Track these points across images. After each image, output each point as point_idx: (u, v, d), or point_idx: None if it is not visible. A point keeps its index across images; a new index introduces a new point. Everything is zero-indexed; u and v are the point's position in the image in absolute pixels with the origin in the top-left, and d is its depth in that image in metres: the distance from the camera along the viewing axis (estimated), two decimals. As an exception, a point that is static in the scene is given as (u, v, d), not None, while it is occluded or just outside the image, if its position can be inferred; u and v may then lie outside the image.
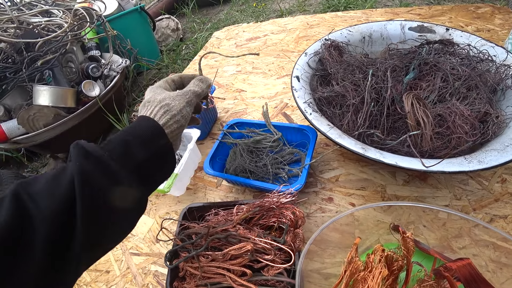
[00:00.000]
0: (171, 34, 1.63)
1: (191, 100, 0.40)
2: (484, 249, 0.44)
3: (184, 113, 0.38)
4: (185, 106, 0.38)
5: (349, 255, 0.36)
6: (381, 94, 0.54)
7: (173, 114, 0.36)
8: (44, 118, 0.98)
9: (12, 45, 0.98)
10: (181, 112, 0.37)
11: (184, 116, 0.38)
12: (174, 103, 0.37)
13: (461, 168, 0.42)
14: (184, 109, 0.38)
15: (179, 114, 0.37)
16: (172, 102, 0.37)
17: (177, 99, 0.38)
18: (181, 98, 0.39)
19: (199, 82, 0.43)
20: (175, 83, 0.45)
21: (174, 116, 0.36)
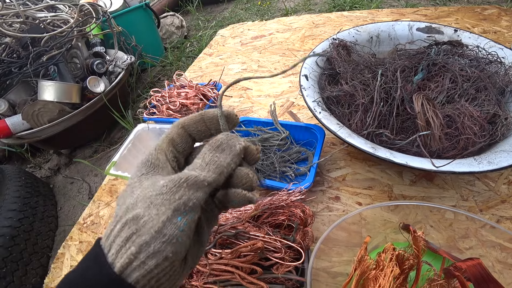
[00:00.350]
0: (176, 31, 1.63)
1: (187, 202, 0.20)
2: (491, 250, 0.44)
3: (170, 234, 0.19)
4: (172, 218, 0.20)
5: (359, 254, 0.36)
6: (390, 94, 0.54)
7: (143, 242, 0.19)
8: (48, 113, 0.99)
9: (18, 39, 0.99)
10: (162, 233, 0.19)
11: (169, 239, 0.19)
12: (147, 214, 0.20)
13: (471, 169, 0.42)
14: (169, 224, 0.20)
15: (155, 239, 0.19)
16: (145, 212, 0.20)
17: (155, 203, 0.20)
18: (163, 201, 0.20)
19: (216, 155, 0.22)
20: (181, 140, 0.26)
21: (147, 246, 0.19)
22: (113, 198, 0.75)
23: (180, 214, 0.20)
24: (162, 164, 0.24)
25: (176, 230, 0.20)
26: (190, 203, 0.20)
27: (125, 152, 0.73)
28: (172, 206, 0.20)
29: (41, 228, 0.95)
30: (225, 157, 0.22)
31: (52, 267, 0.65)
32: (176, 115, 0.72)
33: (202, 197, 0.21)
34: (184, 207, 0.20)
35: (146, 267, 0.19)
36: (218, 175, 0.22)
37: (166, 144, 0.25)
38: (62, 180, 1.18)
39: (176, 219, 0.20)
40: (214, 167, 0.22)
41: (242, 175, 0.23)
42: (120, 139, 1.20)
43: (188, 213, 0.20)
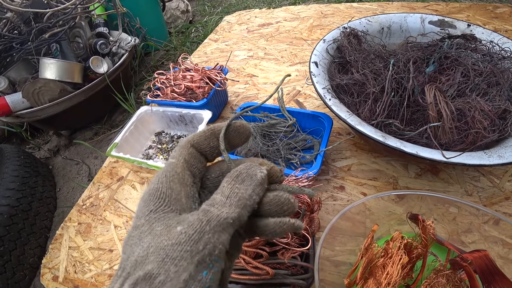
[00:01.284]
0: (181, 15, 1.60)
1: (212, 250, 0.17)
2: (493, 245, 0.44)
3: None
4: (195, 275, 0.16)
5: (366, 242, 0.36)
6: (401, 84, 0.53)
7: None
8: (49, 92, 0.97)
9: (20, 14, 0.96)
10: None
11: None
12: (164, 272, 0.15)
13: (481, 162, 0.41)
14: (192, 282, 0.15)
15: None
16: (160, 269, 0.15)
17: (172, 257, 0.16)
18: (183, 254, 0.16)
19: (236, 186, 0.19)
20: (195, 161, 0.22)
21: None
22: (113, 181, 0.74)
23: (205, 268, 0.16)
24: (176, 195, 0.19)
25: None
26: (216, 251, 0.16)
27: (127, 134, 0.72)
28: (195, 259, 0.16)
29: (39, 208, 0.94)
30: (245, 188, 0.19)
31: (50, 247, 0.65)
32: (180, 98, 0.71)
33: (227, 240, 0.17)
34: (210, 258, 0.16)
35: None
36: (241, 209, 0.18)
37: (180, 170, 0.20)
38: (61, 162, 1.17)
39: (201, 275, 0.16)
40: (236, 199, 0.18)
41: (282, 201, 0.20)
42: (121, 122, 1.19)
43: (214, 265, 0.16)
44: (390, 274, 0.31)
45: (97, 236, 0.63)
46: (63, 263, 0.60)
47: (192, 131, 0.76)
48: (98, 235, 0.63)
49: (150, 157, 0.74)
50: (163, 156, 0.73)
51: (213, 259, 0.16)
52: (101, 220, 0.66)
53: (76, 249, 0.62)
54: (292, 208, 0.20)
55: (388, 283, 0.31)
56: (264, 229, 0.19)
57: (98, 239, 0.62)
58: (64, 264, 0.60)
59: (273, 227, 0.19)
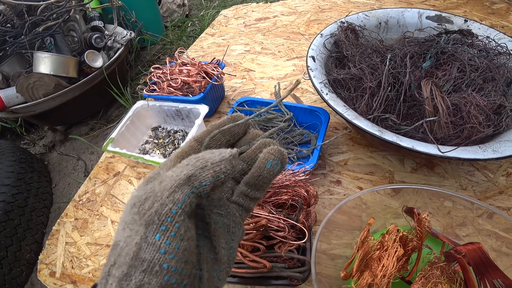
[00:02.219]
0: (177, 9, 1.58)
1: (160, 211, 0.16)
2: (487, 238, 0.45)
3: (149, 260, 0.15)
4: (146, 237, 0.15)
5: (362, 234, 0.36)
6: (398, 79, 0.53)
7: (122, 275, 0.15)
8: (44, 87, 0.96)
9: (13, 7, 0.94)
10: (139, 259, 0.15)
11: (151, 268, 0.15)
12: (123, 238, 0.16)
13: (476, 156, 0.42)
14: (146, 247, 0.15)
15: (135, 269, 0.15)
16: (120, 235, 0.16)
17: (128, 223, 0.16)
18: (134, 216, 0.16)
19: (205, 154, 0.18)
20: (193, 152, 0.23)
21: (127, 280, 0.15)
22: (109, 176, 0.74)
23: (157, 230, 0.15)
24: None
25: (156, 254, 0.15)
26: (165, 209, 0.15)
27: (123, 129, 0.71)
28: (143, 220, 0.15)
29: (35, 204, 0.94)
30: (211, 155, 0.18)
31: (46, 243, 0.65)
32: (177, 92, 0.71)
33: (183, 201, 0.16)
34: (159, 217, 0.15)
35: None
36: (199, 169, 0.17)
37: (173, 158, 0.21)
38: (57, 157, 1.16)
39: (154, 237, 0.15)
40: (195, 161, 0.17)
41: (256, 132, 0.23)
42: (117, 117, 1.18)
43: (167, 227, 0.15)
44: (386, 266, 0.31)
45: (94, 232, 0.63)
46: (60, 258, 0.60)
47: (188, 125, 0.76)
48: (95, 230, 0.63)
49: (147, 152, 0.74)
50: (160, 151, 0.73)
51: (165, 219, 0.15)
52: (97, 216, 0.66)
53: (73, 245, 0.62)
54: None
55: (384, 275, 0.31)
56: (259, 167, 0.21)
57: (95, 235, 0.62)
58: (61, 259, 0.60)
59: (265, 156, 0.21)
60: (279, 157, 0.21)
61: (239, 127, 0.25)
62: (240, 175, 0.23)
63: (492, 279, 0.34)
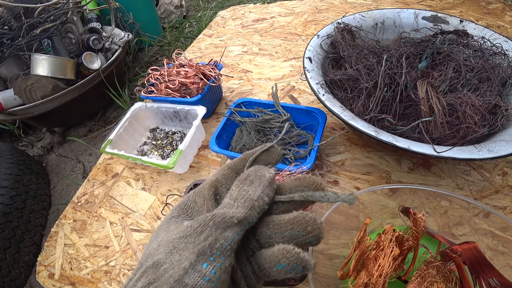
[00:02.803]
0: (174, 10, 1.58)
1: (213, 244, 0.17)
2: (483, 237, 0.45)
3: (193, 283, 0.16)
4: (195, 264, 0.16)
5: (359, 234, 0.36)
6: (394, 80, 0.53)
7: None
8: (42, 89, 0.96)
9: (10, 9, 0.94)
10: (182, 283, 0.16)
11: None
12: (169, 261, 0.17)
13: (471, 156, 0.42)
14: (192, 271, 0.16)
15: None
16: (166, 258, 0.17)
17: (178, 248, 0.17)
18: (187, 245, 0.17)
19: (244, 188, 0.20)
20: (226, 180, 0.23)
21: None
22: (108, 177, 0.74)
23: (206, 260, 0.16)
24: (198, 208, 0.21)
25: (200, 280, 0.16)
26: (217, 244, 0.17)
27: (121, 130, 0.71)
28: (196, 249, 0.17)
29: (34, 206, 0.94)
30: (254, 189, 0.19)
31: (45, 245, 0.65)
32: (175, 94, 0.71)
33: (232, 238, 0.17)
34: (211, 250, 0.17)
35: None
36: (248, 210, 0.18)
37: (208, 187, 0.21)
38: (55, 159, 1.16)
39: (201, 266, 0.16)
40: (243, 201, 0.19)
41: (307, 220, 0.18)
42: (115, 119, 1.18)
43: (216, 259, 0.17)
44: (382, 266, 0.31)
45: (93, 233, 0.63)
46: (59, 260, 0.60)
47: (186, 127, 0.76)
48: (93, 232, 0.63)
49: (145, 153, 0.74)
50: (158, 152, 0.73)
51: (215, 252, 0.17)
52: (96, 217, 0.66)
53: (72, 246, 0.62)
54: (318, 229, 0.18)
55: (380, 275, 0.31)
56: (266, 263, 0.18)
57: (93, 236, 0.62)
58: (60, 261, 0.60)
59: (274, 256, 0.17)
60: (297, 264, 0.17)
61: (272, 156, 0.23)
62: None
63: (487, 278, 0.34)
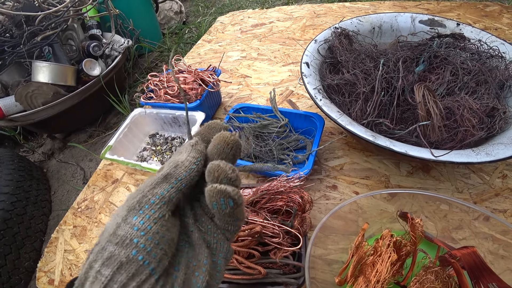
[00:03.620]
0: (174, 16, 1.60)
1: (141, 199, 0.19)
2: (483, 241, 0.45)
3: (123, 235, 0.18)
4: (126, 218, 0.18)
5: (356, 240, 0.36)
6: (392, 84, 0.53)
7: (99, 248, 0.18)
8: (43, 95, 0.96)
9: (11, 18, 0.95)
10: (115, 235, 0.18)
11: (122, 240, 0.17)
12: (110, 223, 0.19)
13: (469, 159, 0.42)
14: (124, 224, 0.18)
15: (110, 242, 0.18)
16: (109, 223, 0.19)
17: (117, 214, 0.19)
18: (123, 207, 0.19)
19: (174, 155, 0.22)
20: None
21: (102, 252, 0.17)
22: (108, 183, 0.74)
23: (135, 214, 0.18)
24: None
25: (130, 229, 0.18)
26: (145, 199, 0.19)
27: (121, 136, 0.72)
28: (127, 207, 0.19)
29: (34, 212, 0.94)
30: (181, 155, 0.21)
31: (45, 251, 0.65)
32: (174, 100, 0.71)
33: (161, 194, 0.19)
34: (139, 205, 0.19)
35: (102, 279, 0.16)
36: (172, 168, 0.20)
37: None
38: (55, 165, 1.16)
39: (131, 218, 0.18)
40: (169, 162, 0.21)
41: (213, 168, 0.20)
42: (115, 125, 1.19)
43: (144, 212, 0.18)
44: (379, 272, 0.31)
45: (93, 239, 0.63)
46: (59, 266, 0.60)
47: (186, 132, 0.76)
48: (93, 238, 0.63)
49: (145, 159, 0.74)
50: (157, 158, 0.73)
51: (143, 206, 0.19)
52: (96, 223, 0.66)
53: (72, 252, 0.62)
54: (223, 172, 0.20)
55: (378, 281, 0.31)
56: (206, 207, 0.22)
57: (93, 242, 0.62)
58: (59, 267, 0.60)
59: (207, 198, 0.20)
60: (223, 197, 0.19)
61: (213, 132, 0.24)
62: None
63: (487, 283, 0.34)
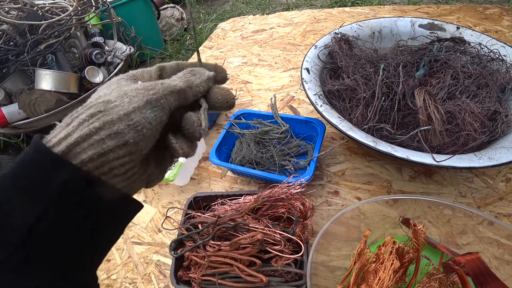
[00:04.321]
0: (176, 23, 1.61)
1: (159, 99, 0.21)
2: (488, 246, 0.44)
3: (137, 120, 0.19)
4: (142, 108, 0.20)
5: (358, 247, 0.36)
6: (392, 89, 0.53)
7: (106, 121, 0.19)
8: (45, 103, 0.97)
9: (15, 27, 0.97)
10: (129, 117, 0.19)
11: (134, 125, 0.19)
12: (120, 101, 0.20)
13: (471, 164, 0.42)
14: (139, 112, 0.20)
15: (121, 121, 0.19)
16: (117, 99, 0.20)
17: (129, 95, 0.20)
18: (137, 93, 0.20)
19: (188, 75, 0.24)
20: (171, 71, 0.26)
21: (111, 125, 0.19)
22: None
23: (150, 108, 0.20)
24: (145, 80, 0.25)
25: (143, 119, 0.20)
26: (162, 100, 0.21)
27: (123, 143, 0.72)
28: (145, 98, 0.20)
29: (36, 219, 0.94)
30: (195, 78, 0.24)
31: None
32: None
33: (171, 102, 0.22)
34: (156, 102, 0.21)
35: (104, 146, 0.18)
36: (187, 86, 0.23)
37: (155, 68, 0.26)
38: (58, 172, 1.16)
39: (146, 110, 0.20)
40: (185, 79, 0.24)
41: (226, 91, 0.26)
42: (117, 131, 1.19)
43: (158, 110, 0.21)
44: (382, 280, 0.31)
45: (94, 247, 0.63)
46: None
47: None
48: (94, 245, 0.63)
49: (146, 166, 0.74)
50: (159, 165, 0.73)
51: (158, 105, 0.21)
52: (97, 231, 0.66)
53: (73, 260, 0.62)
54: (231, 96, 0.26)
55: (380, 289, 0.31)
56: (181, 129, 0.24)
57: (94, 250, 0.62)
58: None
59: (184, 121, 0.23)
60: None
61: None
62: None
63: (491, 289, 0.34)
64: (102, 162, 0.19)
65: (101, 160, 0.19)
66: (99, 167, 0.19)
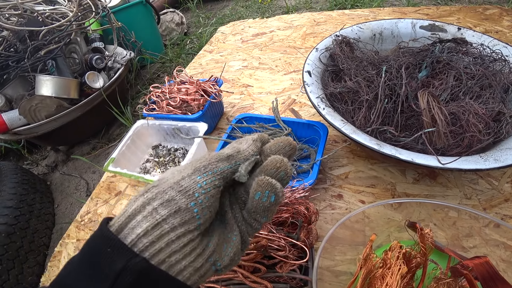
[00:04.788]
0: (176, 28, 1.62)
1: (207, 165, 0.22)
2: (495, 249, 0.44)
3: (187, 185, 0.20)
4: (191, 174, 0.21)
5: (364, 252, 0.35)
6: (395, 91, 0.53)
7: (158, 191, 0.20)
8: (46, 109, 0.97)
9: (15, 33, 0.97)
10: (179, 184, 0.20)
11: (185, 190, 0.20)
12: (171, 175, 0.22)
13: (477, 166, 0.41)
14: (188, 178, 0.21)
15: (172, 189, 0.20)
16: (169, 175, 0.22)
17: (179, 169, 0.22)
18: (187, 166, 0.22)
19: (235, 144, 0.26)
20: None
21: (161, 194, 0.20)
22: (111, 196, 0.74)
23: (200, 174, 0.21)
24: None
25: (193, 183, 0.20)
26: (209, 166, 0.22)
27: (124, 148, 0.71)
28: (193, 167, 0.22)
29: (37, 225, 0.93)
30: (242, 145, 0.25)
31: (48, 265, 0.64)
32: (176, 111, 0.71)
33: (222, 168, 0.22)
34: (204, 169, 0.22)
35: (157, 217, 0.19)
36: (235, 152, 0.24)
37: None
38: (59, 177, 1.16)
39: (196, 176, 0.21)
40: (232, 147, 0.24)
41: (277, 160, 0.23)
42: (118, 136, 1.19)
43: (207, 175, 0.21)
44: (390, 285, 0.30)
45: (95, 253, 0.62)
46: (61, 282, 0.60)
47: (188, 143, 0.76)
48: (96, 252, 0.62)
49: (148, 171, 0.74)
50: (160, 170, 0.73)
51: (207, 171, 0.22)
52: (99, 237, 0.65)
53: (74, 267, 0.61)
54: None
55: (388, 295, 0.30)
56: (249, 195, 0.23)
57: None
58: (62, 283, 0.59)
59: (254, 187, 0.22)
60: (269, 190, 0.21)
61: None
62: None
63: (501, 294, 0.33)
64: (158, 236, 0.19)
65: (157, 234, 0.19)
66: (155, 242, 0.19)
